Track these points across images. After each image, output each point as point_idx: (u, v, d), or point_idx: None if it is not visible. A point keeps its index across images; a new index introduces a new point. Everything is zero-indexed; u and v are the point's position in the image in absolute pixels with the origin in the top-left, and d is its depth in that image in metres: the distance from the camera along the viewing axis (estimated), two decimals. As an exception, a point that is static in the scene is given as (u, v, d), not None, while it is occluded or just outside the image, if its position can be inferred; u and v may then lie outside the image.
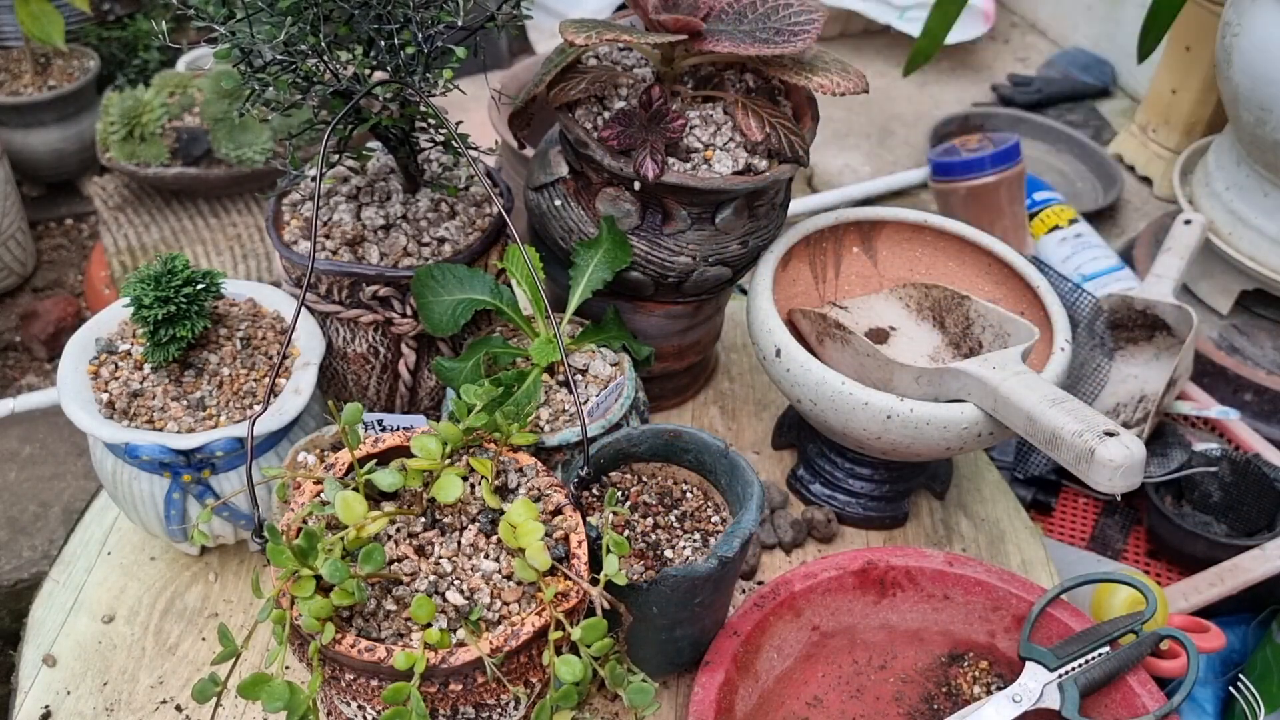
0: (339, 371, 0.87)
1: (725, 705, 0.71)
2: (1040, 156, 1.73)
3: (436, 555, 0.62)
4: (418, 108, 0.79)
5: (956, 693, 0.76)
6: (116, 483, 0.77)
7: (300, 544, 0.56)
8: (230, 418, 0.75)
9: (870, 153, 1.75)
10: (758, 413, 1.02)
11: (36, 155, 1.69)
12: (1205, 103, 1.58)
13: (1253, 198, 1.22)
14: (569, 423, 0.78)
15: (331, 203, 0.84)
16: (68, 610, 0.81)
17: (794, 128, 0.80)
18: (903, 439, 0.77)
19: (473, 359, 0.78)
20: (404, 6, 0.71)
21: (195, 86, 1.50)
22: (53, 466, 1.35)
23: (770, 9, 0.78)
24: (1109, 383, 1.19)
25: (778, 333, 0.80)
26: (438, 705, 0.58)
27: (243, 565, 0.84)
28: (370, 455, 0.66)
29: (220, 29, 0.69)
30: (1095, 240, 1.42)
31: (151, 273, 0.74)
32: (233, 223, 1.51)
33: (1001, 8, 2.16)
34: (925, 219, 0.92)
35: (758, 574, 0.86)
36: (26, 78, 1.66)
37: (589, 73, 0.81)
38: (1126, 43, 1.89)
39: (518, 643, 0.56)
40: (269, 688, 0.53)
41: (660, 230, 0.82)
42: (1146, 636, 0.73)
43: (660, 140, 0.77)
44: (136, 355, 0.77)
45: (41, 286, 1.68)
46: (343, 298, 0.81)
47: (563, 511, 0.64)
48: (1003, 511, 0.95)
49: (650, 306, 0.89)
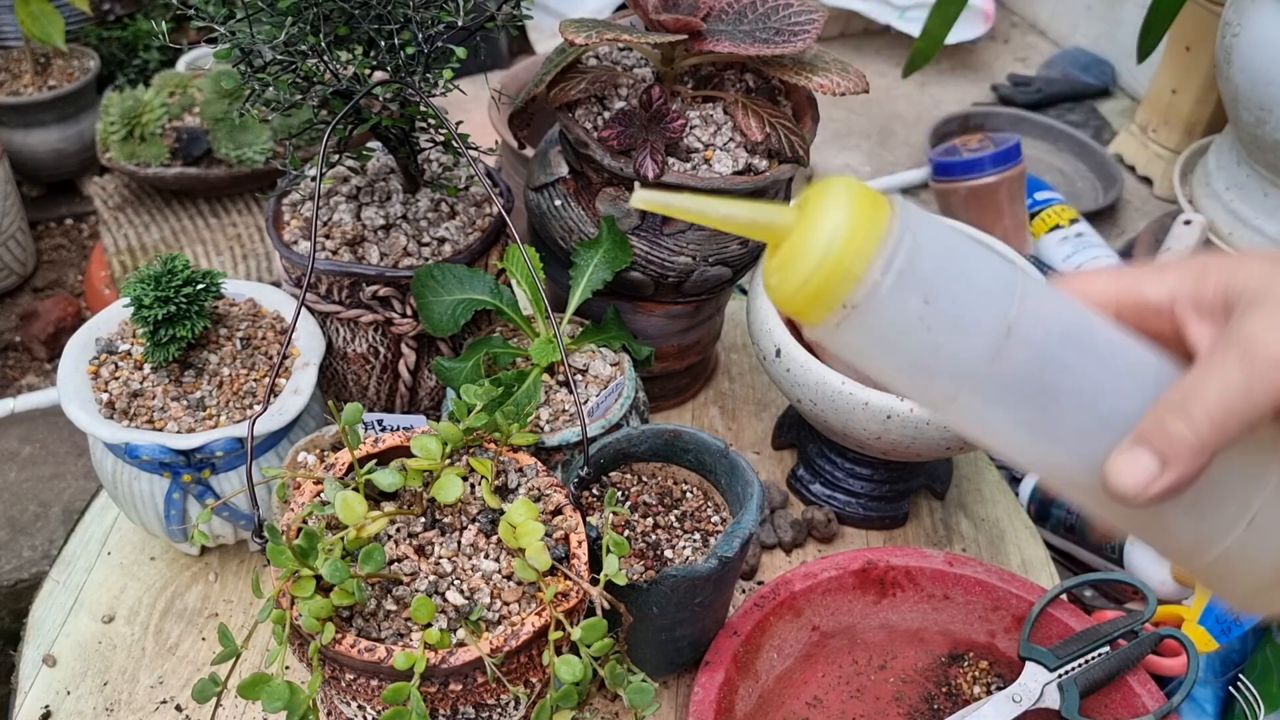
0: (339, 371, 0.87)
1: (725, 705, 0.71)
2: (1040, 156, 1.73)
3: (436, 555, 0.62)
4: (418, 108, 0.79)
5: (956, 693, 0.76)
6: (116, 483, 0.77)
7: (300, 544, 0.56)
8: (230, 418, 0.75)
9: (870, 153, 1.75)
10: (758, 413, 1.02)
11: (36, 155, 1.69)
12: (1205, 103, 1.58)
13: (1253, 198, 1.22)
14: (569, 423, 0.78)
15: (331, 203, 0.84)
16: (68, 610, 0.81)
17: (794, 128, 0.80)
18: (903, 439, 0.77)
19: (473, 359, 0.78)
20: (404, 6, 0.71)
21: (195, 86, 1.50)
22: (53, 466, 1.35)
23: (770, 9, 0.78)
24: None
25: (778, 333, 0.80)
26: (438, 705, 0.58)
27: (243, 565, 0.84)
28: (370, 455, 0.66)
29: (220, 29, 0.69)
30: (1095, 240, 1.42)
31: (151, 273, 0.74)
32: (233, 223, 1.51)
33: (1001, 8, 2.16)
34: (925, 219, 0.92)
35: (758, 574, 0.86)
36: (26, 78, 1.66)
37: (589, 73, 0.81)
38: (1126, 43, 1.89)
39: (518, 643, 0.56)
40: (269, 688, 0.53)
41: (660, 230, 0.82)
42: (1146, 636, 0.73)
43: (660, 140, 0.77)
44: (136, 355, 0.77)
45: (41, 286, 1.68)
46: (343, 298, 0.81)
47: (563, 511, 0.64)
48: (1003, 511, 0.95)
49: (650, 306, 0.89)
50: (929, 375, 0.37)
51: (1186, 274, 0.38)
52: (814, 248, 0.34)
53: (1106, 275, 0.40)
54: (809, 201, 0.36)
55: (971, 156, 1.43)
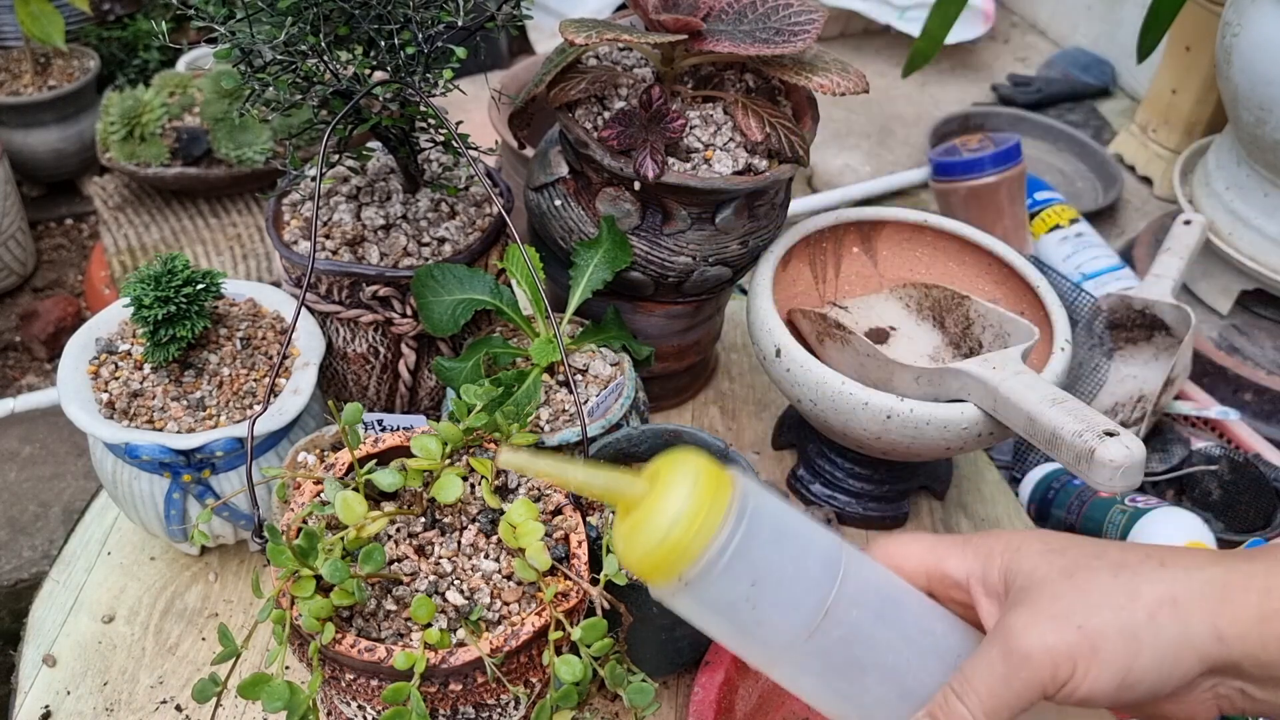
0: (339, 371, 0.87)
1: (725, 705, 0.71)
2: (1040, 156, 1.73)
3: (436, 555, 0.62)
4: (418, 108, 0.79)
5: (956, 693, 0.76)
6: (116, 483, 0.77)
7: (300, 544, 0.56)
8: (230, 418, 0.75)
9: (870, 153, 1.75)
10: (758, 413, 1.02)
11: (36, 155, 1.69)
12: (1205, 103, 1.58)
13: (1253, 198, 1.22)
14: (569, 423, 0.78)
15: (331, 203, 0.84)
16: (68, 610, 0.81)
17: (794, 128, 0.80)
18: (903, 439, 0.77)
19: (473, 359, 0.78)
20: (404, 6, 0.71)
21: (195, 86, 1.50)
22: (53, 466, 1.35)
23: (770, 9, 0.78)
24: (1107, 382, 1.20)
25: (778, 333, 0.80)
26: (438, 705, 0.58)
27: (243, 565, 0.84)
28: (370, 455, 0.66)
29: (220, 29, 0.69)
30: (1095, 240, 1.42)
31: (151, 273, 0.74)
32: (233, 223, 1.51)
33: (1001, 8, 2.16)
34: (925, 219, 0.92)
35: (758, 574, 0.86)
36: (26, 78, 1.66)
37: (589, 73, 0.81)
38: (1126, 43, 1.89)
39: (518, 643, 0.56)
40: (269, 688, 0.53)
41: (660, 230, 0.82)
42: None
43: (660, 140, 0.77)
44: (136, 355, 0.77)
45: (41, 286, 1.68)
46: (343, 298, 0.81)
47: (563, 511, 0.64)
48: (1003, 511, 0.95)
49: (650, 306, 0.89)
50: (750, 644, 0.41)
51: (977, 556, 0.43)
52: (658, 526, 0.38)
53: (919, 547, 0.44)
54: (658, 476, 0.39)
55: (971, 156, 1.43)
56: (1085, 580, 0.39)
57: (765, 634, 0.40)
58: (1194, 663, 0.38)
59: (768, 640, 0.40)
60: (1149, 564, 0.40)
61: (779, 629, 0.40)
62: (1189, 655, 0.38)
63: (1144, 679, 0.38)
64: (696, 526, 0.38)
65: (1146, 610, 0.38)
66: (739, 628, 0.40)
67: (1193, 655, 0.38)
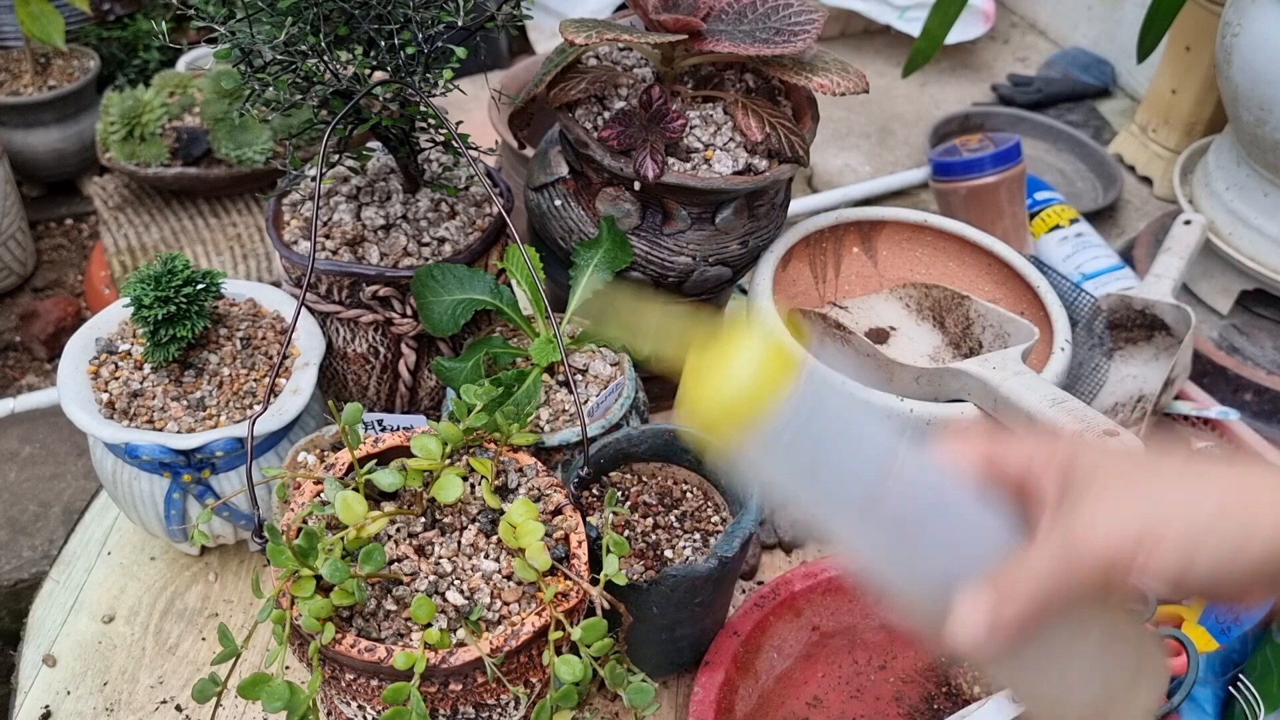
0: (339, 371, 0.87)
1: (725, 705, 0.71)
2: (1040, 156, 1.73)
3: (436, 555, 0.62)
4: (418, 108, 0.79)
5: (956, 693, 0.76)
6: (116, 483, 0.77)
7: (300, 544, 0.56)
8: (230, 418, 0.75)
9: (870, 153, 1.75)
10: (758, 413, 1.02)
11: (36, 155, 1.69)
12: (1205, 103, 1.58)
13: (1253, 198, 1.22)
14: (569, 423, 0.78)
15: (331, 203, 0.84)
16: (68, 610, 0.81)
17: (794, 128, 0.80)
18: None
19: (473, 359, 0.78)
20: (404, 6, 0.71)
21: (195, 86, 1.50)
22: (53, 466, 1.35)
23: (770, 9, 0.78)
24: (1107, 382, 1.19)
25: (778, 333, 0.80)
26: (438, 705, 0.58)
27: (243, 565, 0.84)
28: (370, 455, 0.66)
29: (220, 29, 0.69)
30: (1095, 240, 1.42)
31: (151, 273, 0.74)
32: (233, 223, 1.51)
33: (1001, 8, 2.16)
34: (925, 219, 0.92)
35: (758, 574, 0.86)
36: (26, 78, 1.66)
37: (589, 73, 0.81)
38: (1126, 43, 1.89)
39: (518, 643, 0.56)
40: (269, 688, 0.53)
41: (660, 230, 0.82)
42: (1146, 636, 0.73)
43: (660, 140, 0.77)
44: (136, 355, 0.77)
45: (41, 286, 1.68)
46: (343, 298, 0.81)
47: (563, 511, 0.64)
48: (1003, 511, 0.95)
49: (650, 306, 0.89)
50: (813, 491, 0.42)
51: (1039, 444, 0.44)
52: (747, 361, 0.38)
53: (978, 436, 0.46)
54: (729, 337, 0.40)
55: (971, 156, 1.43)
56: (1151, 475, 0.40)
57: (829, 479, 0.41)
58: (1257, 556, 0.38)
59: (830, 488, 0.41)
60: (1216, 465, 0.41)
61: (846, 476, 0.41)
62: (1253, 548, 0.38)
63: (1204, 572, 0.38)
64: (784, 361, 0.38)
65: (1214, 504, 0.39)
66: (807, 470, 0.41)
67: (1257, 548, 0.38)
